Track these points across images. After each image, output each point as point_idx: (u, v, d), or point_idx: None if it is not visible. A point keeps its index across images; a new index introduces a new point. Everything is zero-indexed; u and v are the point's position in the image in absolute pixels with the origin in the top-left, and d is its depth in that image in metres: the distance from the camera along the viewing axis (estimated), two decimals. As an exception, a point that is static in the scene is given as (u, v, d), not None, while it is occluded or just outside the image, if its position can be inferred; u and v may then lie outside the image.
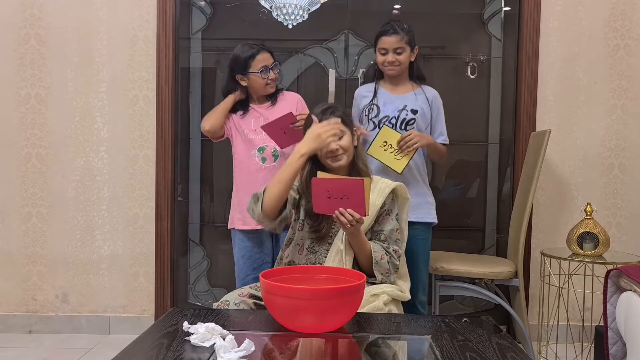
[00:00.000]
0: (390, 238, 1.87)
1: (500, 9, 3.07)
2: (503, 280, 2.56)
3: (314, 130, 1.80)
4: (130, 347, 1.31)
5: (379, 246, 1.84)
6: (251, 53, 2.30)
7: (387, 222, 1.89)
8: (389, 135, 2.20)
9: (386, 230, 1.88)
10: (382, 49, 2.31)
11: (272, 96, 2.41)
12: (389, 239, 1.87)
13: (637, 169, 2.96)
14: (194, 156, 3.17)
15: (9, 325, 3.02)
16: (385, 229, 1.88)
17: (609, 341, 1.87)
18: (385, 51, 2.30)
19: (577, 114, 2.95)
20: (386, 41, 2.28)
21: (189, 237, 3.19)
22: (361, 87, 2.51)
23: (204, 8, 3.11)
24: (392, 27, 2.29)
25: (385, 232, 1.88)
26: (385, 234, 1.88)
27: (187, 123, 3.15)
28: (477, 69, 3.09)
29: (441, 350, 1.31)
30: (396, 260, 1.84)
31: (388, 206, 1.90)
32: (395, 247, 1.86)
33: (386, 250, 1.84)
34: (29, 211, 3.03)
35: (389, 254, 1.83)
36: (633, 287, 1.74)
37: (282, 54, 3.02)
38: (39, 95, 3.00)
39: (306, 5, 2.57)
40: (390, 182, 1.93)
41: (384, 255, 1.82)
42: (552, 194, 2.98)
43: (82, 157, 3.01)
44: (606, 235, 2.48)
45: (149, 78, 2.98)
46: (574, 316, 2.86)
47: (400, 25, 2.30)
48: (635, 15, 2.93)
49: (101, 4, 2.97)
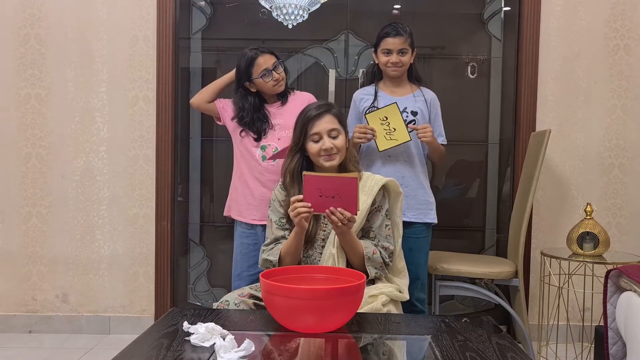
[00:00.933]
0: (380, 234, 1.86)
1: (500, 9, 3.07)
2: (503, 280, 2.56)
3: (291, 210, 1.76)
4: (130, 347, 1.31)
5: (369, 242, 1.84)
6: (250, 59, 2.28)
7: (376, 219, 1.88)
8: (393, 114, 2.23)
9: (375, 226, 1.87)
10: (386, 50, 2.32)
11: (282, 96, 2.40)
12: (379, 235, 1.86)
13: (637, 169, 2.96)
14: (194, 156, 3.17)
15: (9, 325, 3.02)
16: (374, 225, 1.87)
17: (609, 341, 1.87)
18: (389, 52, 2.32)
19: (577, 114, 2.95)
20: (391, 42, 2.31)
21: (189, 237, 3.19)
22: (360, 90, 2.51)
23: (204, 8, 3.11)
24: (395, 28, 2.31)
25: (374, 228, 1.87)
26: (375, 231, 1.87)
27: (187, 123, 3.15)
28: (477, 69, 3.09)
29: (441, 350, 1.31)
30: (386, 257, 1.84)
31: (378, 203, 1.89)
32: (385, 244, 1.85)
33: (376, 246, 1.84)
34: (29, 211, 3.03)
35: (379, 250, 1.83)
36: (633, 287, 1.74)
37: (282, 54, 3.01)
38: (39, 95, 3.00)
39: (306, 5, 2.57)
40: (380, 178, 1.90)
41: (375, 250, 1.82)
42: (552, 194, 2.98)
43: (82, 157, 3.01)
44: (606, 235, 2.48)
45: (149, 78, 2.98)
46: (574, 316, 2.86)
47: (403, 27, 2.32)
48: (635, 15, 2.93)
49: (101, 4, 2.97)
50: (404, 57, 2.32)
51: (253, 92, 2.34)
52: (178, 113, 3.05)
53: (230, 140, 2.46)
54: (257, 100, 2.36)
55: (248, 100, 2.34)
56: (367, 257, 1.80)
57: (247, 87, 2.34)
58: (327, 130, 1.84)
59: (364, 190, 1.86)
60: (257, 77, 2.29)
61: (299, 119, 1.91)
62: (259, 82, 2.30)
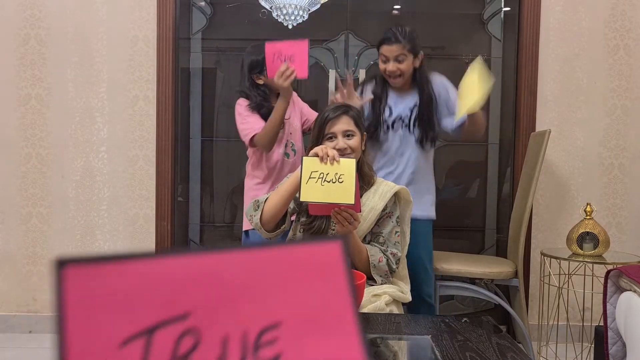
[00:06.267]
0: (389, 240, 1.88)
1: (500, 9, 3.07)
2: (503, 280, 2.57)
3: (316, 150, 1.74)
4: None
5: (376, 249, 1.85)
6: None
7: (387, 224, 1.89)
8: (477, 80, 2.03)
9: (385, 232, 1.89)
10: (383, 57, 2.26)
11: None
12: (388, 241, 1.88)
13: (637, 169, 2.96)
14: (194, 156, 3.17)
15: (9, 325, 3.02)
16: (384, 231, 1.89)
17: (609, 341, 1.87)
18: (386, 59, 2.25)
19: (577, 114, 2.95)
20: (387, 50, 2.23)
21: (189, 237, 3.19)
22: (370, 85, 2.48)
23: (204, 8, 3.11)
24: (393, 34, 2.22)
25: (384, 234, 1.89)
26: (384, 236, 1.88)
27: (187, 123, 3.15)
28: (477, 69, 3.09)
29: (441, 350, 1.31)
30: (393, 264, 1.85)
31: (389, 209, 1.91)
32: (394, 250, 1.87)
33: (384, 253, 1.84)
34: (29, 211, 3.03)
35: (387, 257, 1.84)
36: (633, 287, 1.74)
37: (282, 54, 3.02)
38: (39, 95, 3.00)
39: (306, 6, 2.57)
40: (393, 185, 1.93)
41: (381, 257, 1.83)
42: (552, 194, 2.98)
43: (82, 157, 3.01)
44: (606, 235, 2.48)
45: (149, 78, 2.98)
46: (573, 316, 2.86)
47: (403, 33, 2.22)
48: (635, 15, 2.93)
49: (101, 4, 2.97)
50: (401, 65, 2.23)
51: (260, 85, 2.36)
52: (178, 113, 3.05)
53: (230, 140, 2.46)
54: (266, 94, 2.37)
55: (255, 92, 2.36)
56: (373, 265, 1.82)
57: (255, 79, 2.35)
58: (342, 131, 1.87)
59: (377, 194, 1.88)
60: None
61: (317, 120, 1.94)
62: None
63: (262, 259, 0.34)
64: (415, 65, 2.28)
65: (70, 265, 0.31)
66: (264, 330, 0.32)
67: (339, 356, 0.33)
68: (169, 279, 0.31)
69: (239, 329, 0.32)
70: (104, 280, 0.31)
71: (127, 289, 0.31)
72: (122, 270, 0.31)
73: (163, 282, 0.31)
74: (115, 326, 0.30)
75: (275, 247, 0.34)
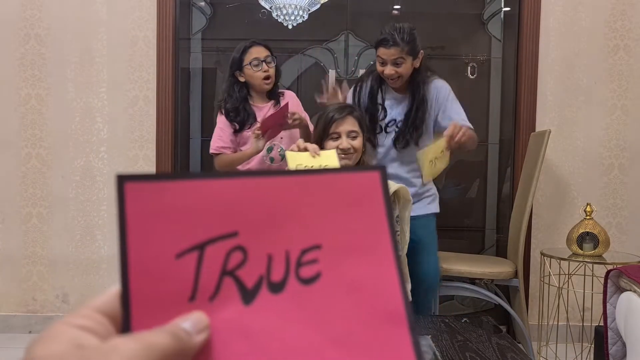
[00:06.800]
0: None
1: (500, 9, 3.07)
2: (503, 280, 2.57)
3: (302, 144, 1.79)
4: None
5: None
6: (244, 47, 2.30)
7: None
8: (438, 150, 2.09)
9: None
10: (380, 59, 2.19)
11: (274, 96, 2.40)
12: None
13: (637, 169, 2.96)
14: (194, 156, 3.18)
15: (9, 325, 3.02)
16: None
17: (609, 341, 1.87)
18: (384, 61, 2.17)
19: (577, 114, 2.95)
20: (384, 53, 2.15)
21: (189, 237, 3.19)
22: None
23: (204, 8, 3.12)
24: (392, 37, 2.12)
25: None
26: None
27: (187, 123, 3.15)
28: (477, 69, 3.09)
29: (441, 350, 1.31)
30: None
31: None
32: None
33: None
34: (29, 211, 3.03)
35: None
36: (633, 287, 1.74)
37: (282, 55, 3.02)
38: (39, 95, 3.00)
39: (306, 6, 2.57)
40: (391, 184, 1.93)
41: None
42: (552, 194, 2.98)
43: (82, 157, 3.01)
44: (606, 235, 2.48)
45: (149, 78, 2.98)
46: (573, 316, 2.86)
47: (401, 35, 2.12)
48: (635, 15, 2.93)
49: (101, 4, 2.97)
50: (399, 68, 2.15)
51: (241, 83, 2.34)
52: (178, 113, 3.05)
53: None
54: (245, 93, 2.35)
55: (235, 90, 2.34)
56: None
57: (237, 76, 2.34)
58: (347, 132, 1.88)
59: None
60: (247, 64, 2.28)
61: (320, 120, 1.94)
62: (249, 71, 2.29)
63: (305, 183, 0.35)
64: (416, 65, 2.22)
65: (130, 182, 0.33)
66: (305, 250, 0.34)
67: (376, 278, 0.35)
68: (221, 198, 0.33)
69: (282, 249, 0.34)
70: (161, 197, 0.33)
71: (182, 206, 0.33)
72: (179, 188, 0.33)
73: (215, 202, 0.33)
74: (172, 239, 0.33)
75: (318, 173, 0.36)
